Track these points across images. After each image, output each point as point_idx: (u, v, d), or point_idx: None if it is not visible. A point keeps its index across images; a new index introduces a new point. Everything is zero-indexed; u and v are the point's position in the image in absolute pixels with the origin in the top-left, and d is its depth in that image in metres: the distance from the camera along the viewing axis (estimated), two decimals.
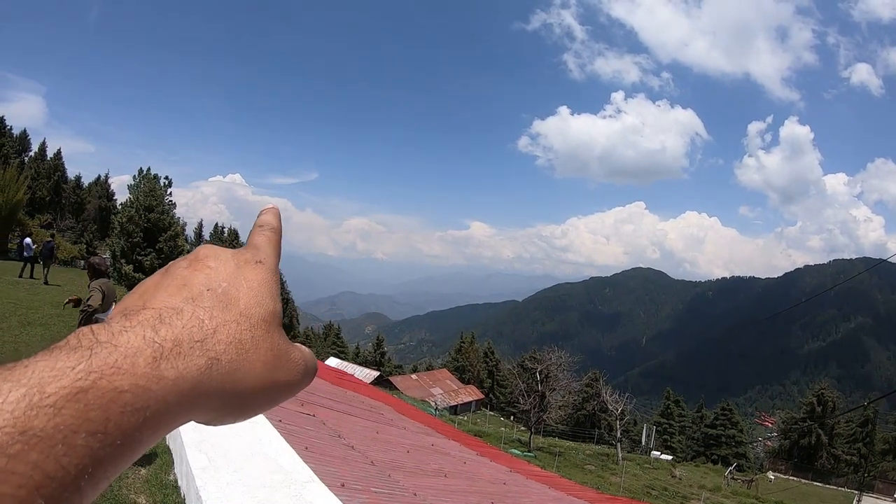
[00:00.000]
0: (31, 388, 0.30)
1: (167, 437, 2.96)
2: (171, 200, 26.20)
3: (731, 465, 41.52)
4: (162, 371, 0.30)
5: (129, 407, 0.30)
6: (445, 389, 49.69)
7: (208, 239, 48.54)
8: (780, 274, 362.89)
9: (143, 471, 4.15)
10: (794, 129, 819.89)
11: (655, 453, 40.62)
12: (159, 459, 4.36)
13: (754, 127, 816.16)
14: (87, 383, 0.30)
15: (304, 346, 0.36)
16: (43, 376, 0.30)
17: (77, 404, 0.30)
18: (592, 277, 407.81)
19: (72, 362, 0.30)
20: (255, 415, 0.33)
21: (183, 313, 0.31)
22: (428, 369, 59.54)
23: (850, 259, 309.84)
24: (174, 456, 4.28)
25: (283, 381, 0.33)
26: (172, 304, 0.31)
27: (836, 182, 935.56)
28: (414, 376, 51.71)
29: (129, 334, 0.30)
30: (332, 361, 43.51)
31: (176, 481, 3.97)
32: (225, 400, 0.31)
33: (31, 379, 0.30)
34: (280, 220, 0.43)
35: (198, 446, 3.57)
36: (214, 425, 0.33)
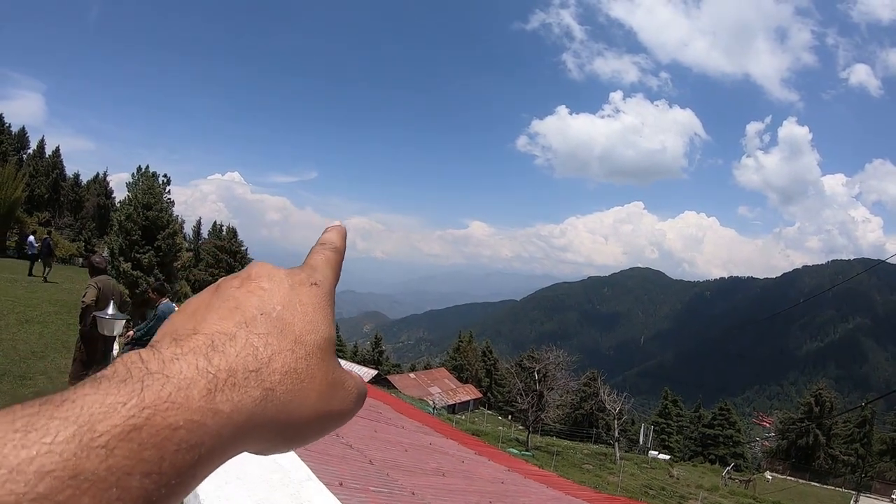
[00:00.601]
0: (80, 427, 0.27)
1: None
2: (169, 198, 26.19)
3: (729, 464, 41.62)
4: (217, 404, 0.27)
5: (184, 444, 0.27)
6: (444, 388, 49.76)
7: (206, 237, 48.50)
8: (779, 274, 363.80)
9: None
10: (792, 130, 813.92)
11: (653, 453, 40.65)
12: None
13: (753, 127, 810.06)
14: (141, 420, 0.27)
15: (355, 373, 0.35)
16: (93, 413, 0.27)
17: (130, 444, 0.27)
18: (591, 277, 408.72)
19: (123, 397, 0.27)
20: (307, 444, 0.32)
21: (236, 340, 0.29)
22: (426, 368, 59.55)
23: (849, 260, 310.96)
24: None
25: (337, 411, 0.32)
26: (225, 328, 0.30)
27: (835, 183, 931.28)
28: (412, 375, 51.78)
29: (182, 363, 0.27)
30: None
31: None
32: (278, 431, 0.30)
33: (80, 416, 0.27)
34: (344, 241, 0.40)
35: None
36: (265, 455, 0.32)
